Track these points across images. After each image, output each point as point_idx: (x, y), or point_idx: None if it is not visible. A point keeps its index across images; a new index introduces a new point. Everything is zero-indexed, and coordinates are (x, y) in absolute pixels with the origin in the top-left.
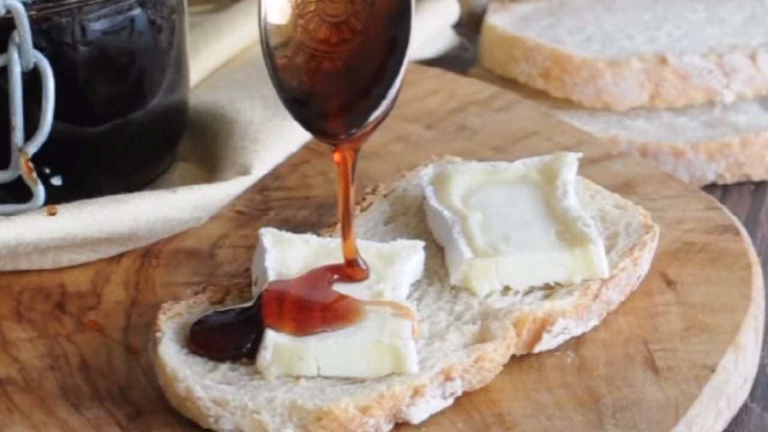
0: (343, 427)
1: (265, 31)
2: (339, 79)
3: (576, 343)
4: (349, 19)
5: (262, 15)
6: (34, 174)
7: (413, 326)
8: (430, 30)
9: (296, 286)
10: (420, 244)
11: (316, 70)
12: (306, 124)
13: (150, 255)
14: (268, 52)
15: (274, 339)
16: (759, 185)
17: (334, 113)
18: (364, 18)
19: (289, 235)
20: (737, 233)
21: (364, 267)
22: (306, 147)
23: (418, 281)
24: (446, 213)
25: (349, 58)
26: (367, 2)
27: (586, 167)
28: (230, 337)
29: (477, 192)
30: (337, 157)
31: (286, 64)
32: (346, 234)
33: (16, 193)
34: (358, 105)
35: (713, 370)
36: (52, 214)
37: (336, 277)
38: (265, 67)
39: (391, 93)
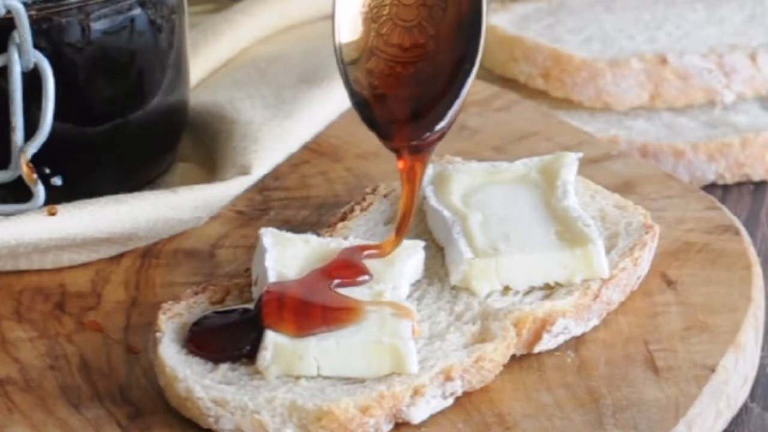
0: (343, 427)
1: (338, 34)
2: (410, 84)
3: (576, 343)
4: (422, 24)
5: (336, 15)
6: (35, 175)
7: (413, 326)
8: None
9: (296, 286)
10: (420, 244)
11: (387, 75)
12: (374, 127)
13: (150, 255)
14: (341, 55)
15: (274, 339)
16: (759, 185)
17: (403, 119)
18: (436, 23)
19: (289, 235)
20: (737, 233)
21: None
22: (306, 147)
23: (418, 281)
24: (446, 213)
25: (420, 63)
26: (441, 6)
27: (586, 167)
28: (229, 339)
29: (477, 192)
30: (401, 164)
31: (358, 67)
32: (400, 233)
33: (16, 193)
34: (426, 111)
35: (713, 370)
36: (52, 214)
37: (338, 281)
38: (265, 67)
39: (459, 102)
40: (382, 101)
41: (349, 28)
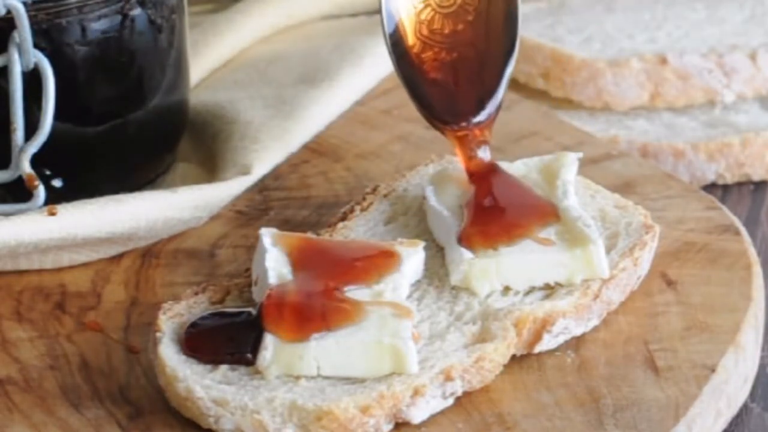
0: (343, 427)
1: (386, 25)
2: (455, 69)
3: (576, 343)
4: (459, 10)
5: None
6: (37, 182)
7: (413, 331)
8: None
9: (297, 290)
10: (420, 244)
11: (433, 60)
12: (424, 107)
13: (150, 255)
14: (392, 45)
15: (274, 338)
16: (759, 185)
17: (449, 101)
18: (474, 9)
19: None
20: (737, 233)
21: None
22: (306, 147)
23: (418, 281)
24: (446, 213)
25: (462, 49)
26: None
27: (586, 167)
28: (225, 342)
29: None
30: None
31: (407, 52)
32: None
33: (16, 193)
34: (474, 94)
35: (713, 370)
36: (52, 214)
37: (340, 283)
38: (265, 67)
39: (503, 86)
40: (431, 84)
41: (392, 19)
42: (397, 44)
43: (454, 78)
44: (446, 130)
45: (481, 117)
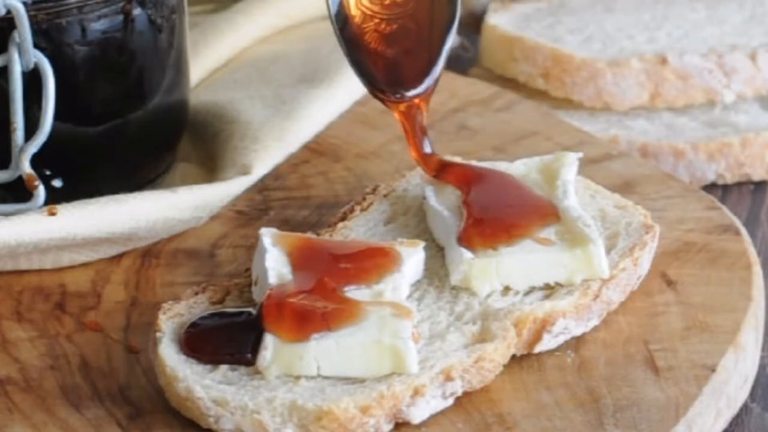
0: (343, 427)
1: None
2: (395, 41)
3: (576, 343)
4: None
5: None
6: (37, 182)
7: (413, 332)
8: None
9: (297, 290)
10: (420, 244)
11: (374, 31)
12: (368, 81)
13: (150, 255)
14: (335, 14)
15: (274, 338)
16: (759, 185)
17: (389, 73)
18: None
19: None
20: (737, 233)
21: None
22: (306, 147)
23: (418, 281)
24: (446, 213)
25: (402, 20)
26: None
27: (586, 167)
28: (224, 342)
29: None
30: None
31: (351, 24)
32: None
33: (16, 193)
34: (412, 68)
35: (713, 370)
36: (52, 214)
37: (340, 282)
38: (265, 67)
39: (443, 57)
40: (373, 57)
41: None
42: (339, 14)
43: (394, 50)
44: (387, 102)
45: (418, 90)
